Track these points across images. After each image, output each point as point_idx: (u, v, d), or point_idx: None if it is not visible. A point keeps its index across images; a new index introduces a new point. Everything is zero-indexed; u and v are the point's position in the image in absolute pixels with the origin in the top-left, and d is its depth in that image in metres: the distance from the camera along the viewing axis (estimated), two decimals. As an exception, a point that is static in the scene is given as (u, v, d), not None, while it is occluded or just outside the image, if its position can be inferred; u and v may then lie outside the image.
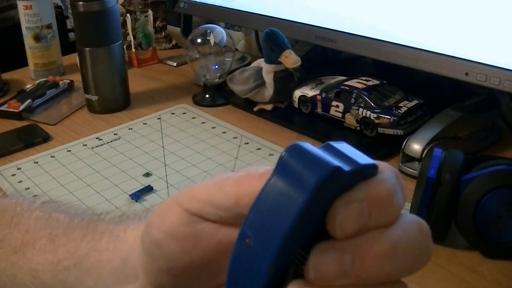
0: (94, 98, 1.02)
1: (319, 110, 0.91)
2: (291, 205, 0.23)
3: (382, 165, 0.25)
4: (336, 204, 0.24)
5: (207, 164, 0.83)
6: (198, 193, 0.29)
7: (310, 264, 0.24)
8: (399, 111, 0.82)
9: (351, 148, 0.25)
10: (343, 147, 0.25)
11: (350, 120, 0.86)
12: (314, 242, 0.25)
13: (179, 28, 1.23)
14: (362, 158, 0.25)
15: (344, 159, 0.24)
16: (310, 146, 0.25)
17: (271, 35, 0.92)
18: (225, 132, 0.92)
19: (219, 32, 1.04)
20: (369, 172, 0.25)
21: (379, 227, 0.24)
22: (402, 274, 0.24)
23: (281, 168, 0.24)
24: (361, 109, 0.84)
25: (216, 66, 1.05)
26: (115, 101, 1.03)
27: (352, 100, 0.86)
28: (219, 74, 1.05)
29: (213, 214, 0.29)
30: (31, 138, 0.93)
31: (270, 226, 0.24)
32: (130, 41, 1.24)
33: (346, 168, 0.24)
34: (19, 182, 0.81)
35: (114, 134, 0.94)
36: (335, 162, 0.24)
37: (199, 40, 1.04)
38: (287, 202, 0.24)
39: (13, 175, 0.83)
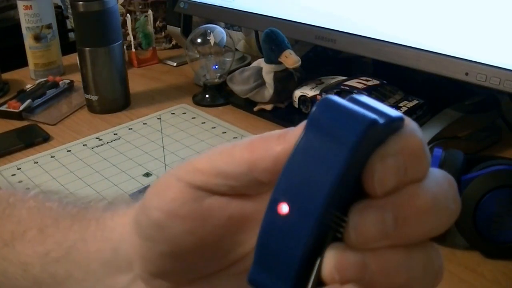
0: (94, 98, 1.02)
1: (319, 110, 0.91)
2: (332, 164, 0.21)
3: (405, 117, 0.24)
4: (373, 160, 0.22)
5: (207, 164, 0.83)
6: (201, 164, 0.26)
7: (350, 226, 0.22)
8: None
9: (374, 100, 0.23)
10: (367, 99, 0.23)
11: (350, 120, 0.86)
12: (349, 203, 0.23)
13: (179, 28, 1.22)
14: (390, 110, 0.23)
15: (375, 112, 0.22)
16: (340, 99, 0.23)
17: (271, 35, 0.92)
18: (225, 132, 0.92)
19: (219, 32, 1.04)
20: (398, 124, 0.23)
21: (414, 182, 0.23)
22: (439, 230, 0.23)
23: (313, 125, 0.22)
24: (361, 109, 0.84)
25: (216, 66, 1.05)
26: (115, 101, 1.03)
27: (352, 100, 0.86)
28: (219, 74, 1.05)
29: (222, 185, 0.26)
30: (31, 138, 0.93)
31: (308, 189, 0.22)
32: (130, 41, 1.24)
33: (380, 120, 0.22)
34: (19, 182, 0.81)
35: (114, 134, 0.94)
36: (371, 114, 0.22)
37: (199, 40, 1.04)
38: (326, 161, 0.22)
39: (13, 175, 0.83)
